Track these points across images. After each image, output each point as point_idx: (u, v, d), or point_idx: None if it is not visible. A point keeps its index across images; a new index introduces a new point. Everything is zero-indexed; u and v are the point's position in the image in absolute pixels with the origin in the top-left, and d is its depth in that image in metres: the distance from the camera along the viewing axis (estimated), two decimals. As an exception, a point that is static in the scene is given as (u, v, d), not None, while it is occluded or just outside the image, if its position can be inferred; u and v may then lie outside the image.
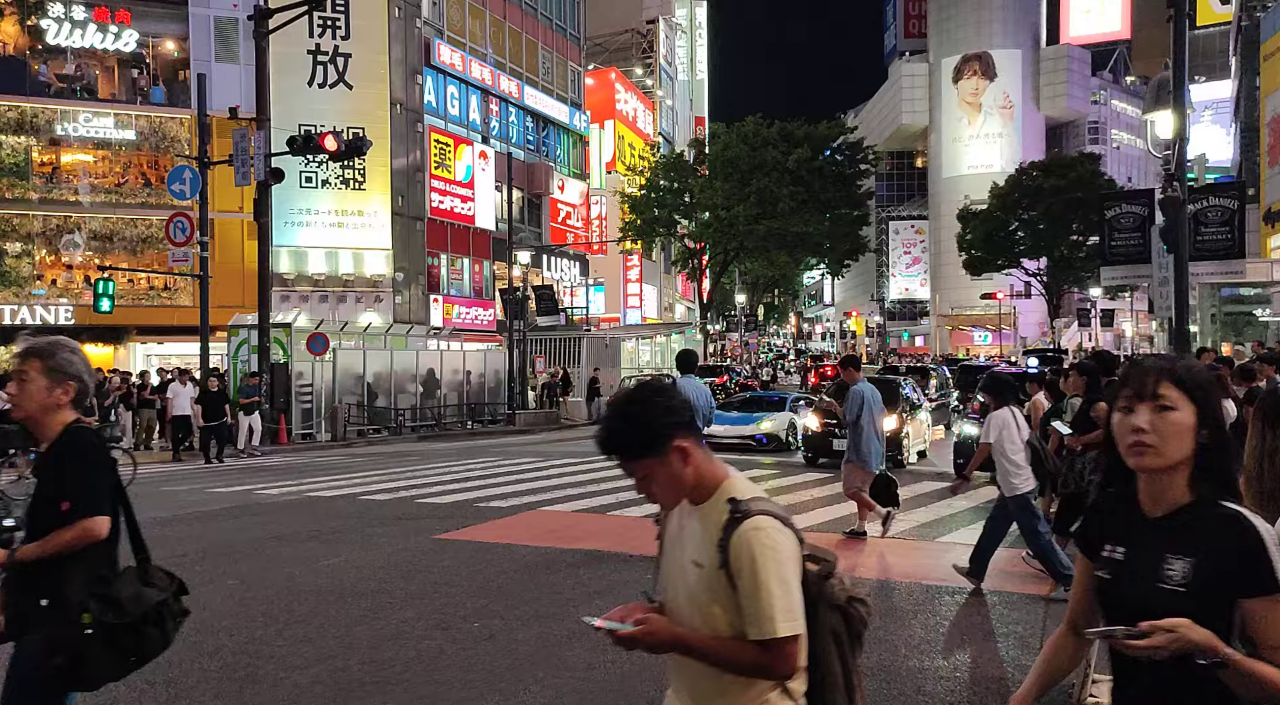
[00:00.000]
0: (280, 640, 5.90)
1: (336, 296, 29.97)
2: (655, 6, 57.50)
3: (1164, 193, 15.42)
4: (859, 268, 70.24)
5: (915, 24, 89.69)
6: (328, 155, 19.88)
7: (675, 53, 61.44)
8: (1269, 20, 33.07)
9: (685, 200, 41.37)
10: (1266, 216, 32.73)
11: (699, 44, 67.80)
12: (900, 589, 7.51)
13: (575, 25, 44.08)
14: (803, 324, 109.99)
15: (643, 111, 53.70)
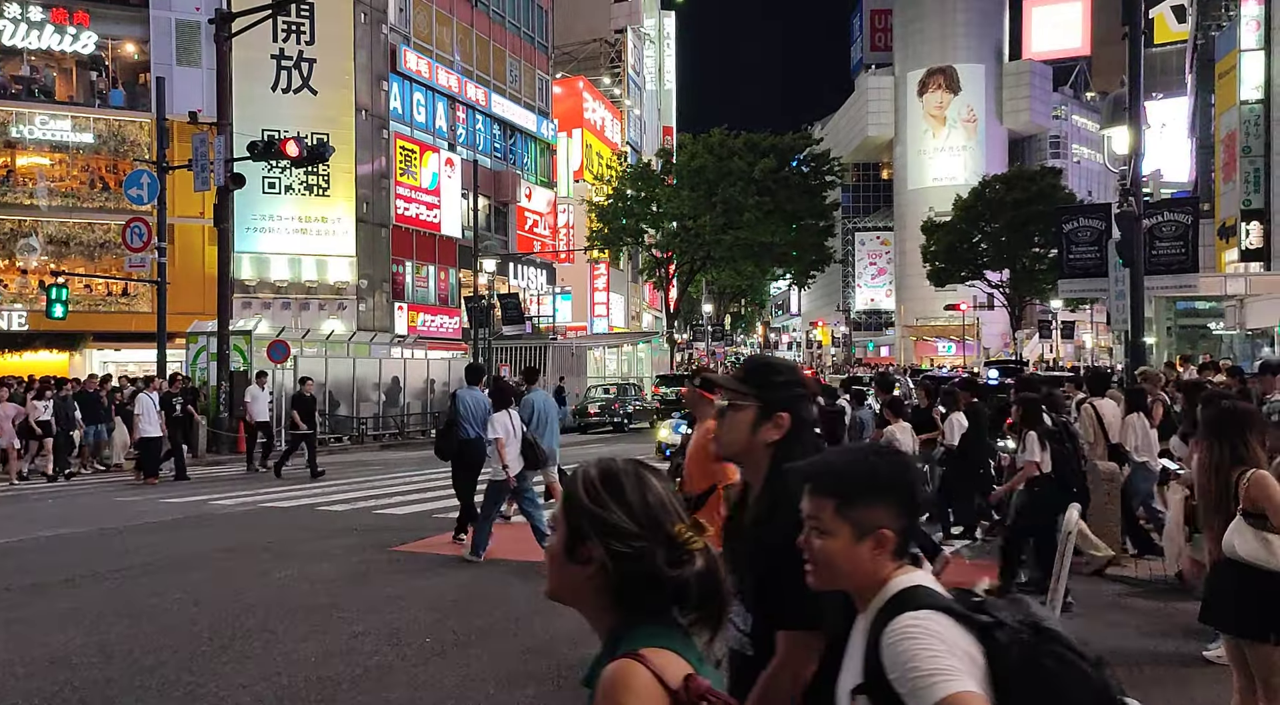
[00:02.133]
0: (224, 656, 5.78)
1: (299, 303, 29.64)
2: (623, 16, 57.64)
3: (1120, 208, 15.66)
4: (825, 278, 70.70)
5: (881, 37, 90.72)
6: (290, 161, 19.68)
7: (643, 63, 61.62)
8: (1223, 39, 33.80)
9: (652, 210, 41.43)
10: (1221, 231, 33.39)
11: (667, 54, 68.06)
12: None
13: (543, 34, 44.06)
14: (769, 334, 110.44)
15: (610, 121, 53.76)
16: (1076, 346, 60.41)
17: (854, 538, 1.65)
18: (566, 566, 1.43)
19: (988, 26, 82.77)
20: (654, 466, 1.48)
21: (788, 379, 2.21)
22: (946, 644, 1.50)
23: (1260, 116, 29.53)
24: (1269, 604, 3.68)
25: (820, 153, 42.47)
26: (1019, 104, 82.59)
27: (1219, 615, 3.87)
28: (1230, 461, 3.77)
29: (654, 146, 56.94)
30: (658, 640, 1.36)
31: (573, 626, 6.46)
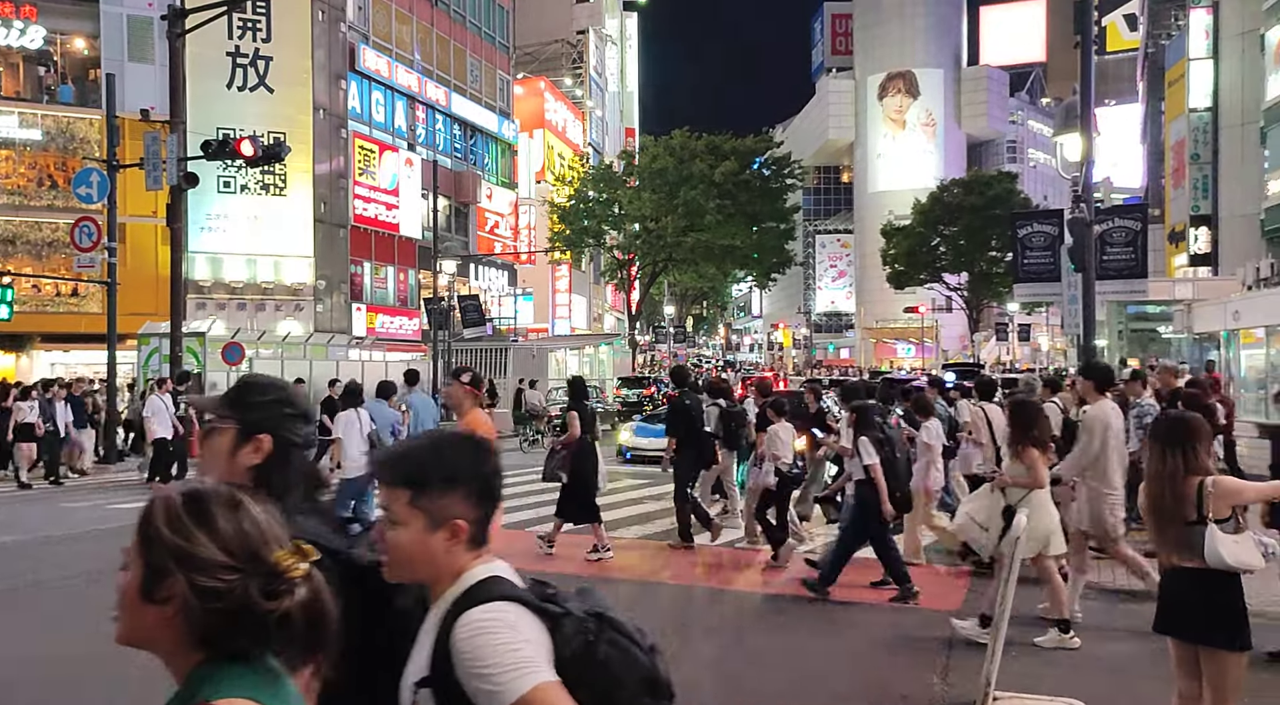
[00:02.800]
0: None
1: (255, 304, 29.21)
2: (585, 17, 57.57)
3: (1072, 213, 15.93)
4: (786, 280, 71.16)
5: (842, 41, 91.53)
6: (245, 160, 19.36)
7: (605, 64, 61.61)
8: (1172, 48, 34.55)
9: (614, 211, 41.43)
10: (1171, 236, 34.11)
11: (629, 56, 68.13)
12: (815, 606, 7.53)
13: (504, 34, 43.87)
14: (731, 335, 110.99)
15: (572, 121, 53.65)
16: (1033, 349, 61.33)
17: (428, 528, 1.61)
18: (142, 608, 1.23)
19: (946, 32, 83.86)
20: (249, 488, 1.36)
21: (273, 399, 2.08)
22: (522, 635, 1.49)
23: (1208, 124, 30.21)
24: (1232, 612, 3.74)
25: (781, 155, 42.73)
26: (977, 109, 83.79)
27: (1179, 624, 3.88)
28: (1184, 471, 3.82)
29: (616, 148, 56.96)
30: (240, 688, 1.20)
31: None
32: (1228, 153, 29.55)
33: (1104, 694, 5.22)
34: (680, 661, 6.02)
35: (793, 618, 7.20)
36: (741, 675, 5.83)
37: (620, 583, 8.19)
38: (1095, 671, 5.75)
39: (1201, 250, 30.30)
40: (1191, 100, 30.68)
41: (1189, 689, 3.90)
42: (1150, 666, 5.53)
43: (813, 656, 6.21)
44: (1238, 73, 29.04)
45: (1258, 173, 26.68)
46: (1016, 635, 5.78)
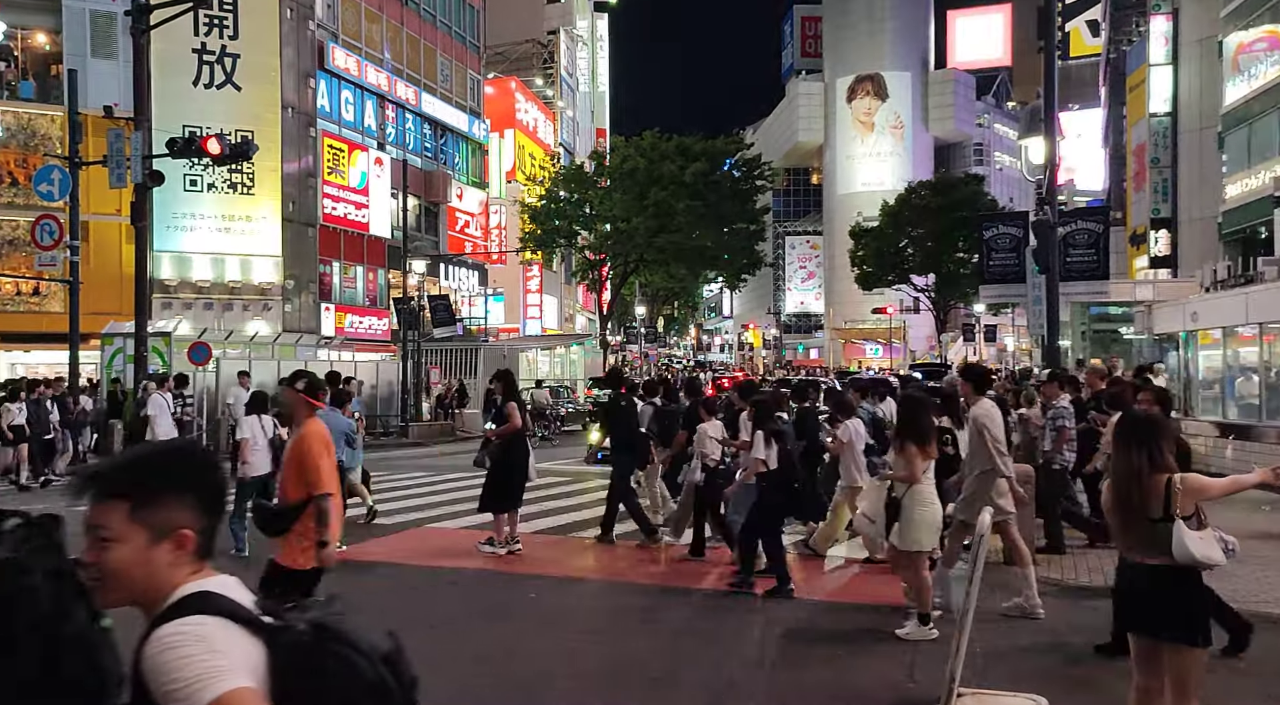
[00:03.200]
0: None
1: (222, 304, 28.91)
2: (556, 17, 57.50)
3: (1036, 216, 16.20)
4: (756, 281, 71.47)
5: (811, 44, 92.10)
6: (212, 158, 19.16)
7: (576, 64, 61.55)
8: (1134, 54, 35.13)
9: (585, 211, 41.41)
10: (1132, 239, 34.69)
11: (600, 56, 68.11)
12: (780, 605, 7.61)
13: (475, 33, 43.71)
14: (702, 336, 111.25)
15: (543, 122, 53.58)
16: (999, 349, 62.06)
17: (150, 542, 1.53)
18: None
19: (914, 35, 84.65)
20: None
21: None
22: (215, 647, 1.43)
23: (1168, 129, 30.76)
24: (1194, 607, 3.82)
25: (751, 157, 42.91)
26: (944, 112, 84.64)
27: (1142, 620, 3.94)
28: (1149, 468, 3.90)
29: (587, 148, 56.91)
30: None
31: (509, 634, 6.43)
32: (1187, 157, 30.10)
33: (1065, 689, 5.33)
34: (649, 657, 6.08)
35: (761, 616, 7.28)
36: (703, 672, 5.89)
37: (534, 578, 8.24)
38: (1056, 667, 5.88)
39: (1162, 253, 30.83)
40: (1152, 105, 31.21)
41: (1147, 684, 3.97)
42: (1110, 662, 5.67)
43: (775, 649, 6.29)
44: (1196, 78, 29.59)
45: (1215, 177, 27.21)
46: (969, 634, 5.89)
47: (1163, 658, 3.89)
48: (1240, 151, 25.57)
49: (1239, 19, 25.36)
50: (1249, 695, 5.38)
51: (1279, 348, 17.79)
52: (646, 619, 7.15)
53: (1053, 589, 7.75)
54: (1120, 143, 37.13)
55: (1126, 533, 3.94)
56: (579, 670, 5.92)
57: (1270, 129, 24.07)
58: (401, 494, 13.87)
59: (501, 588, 8.07)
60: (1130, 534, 3.92)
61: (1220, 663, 5.53)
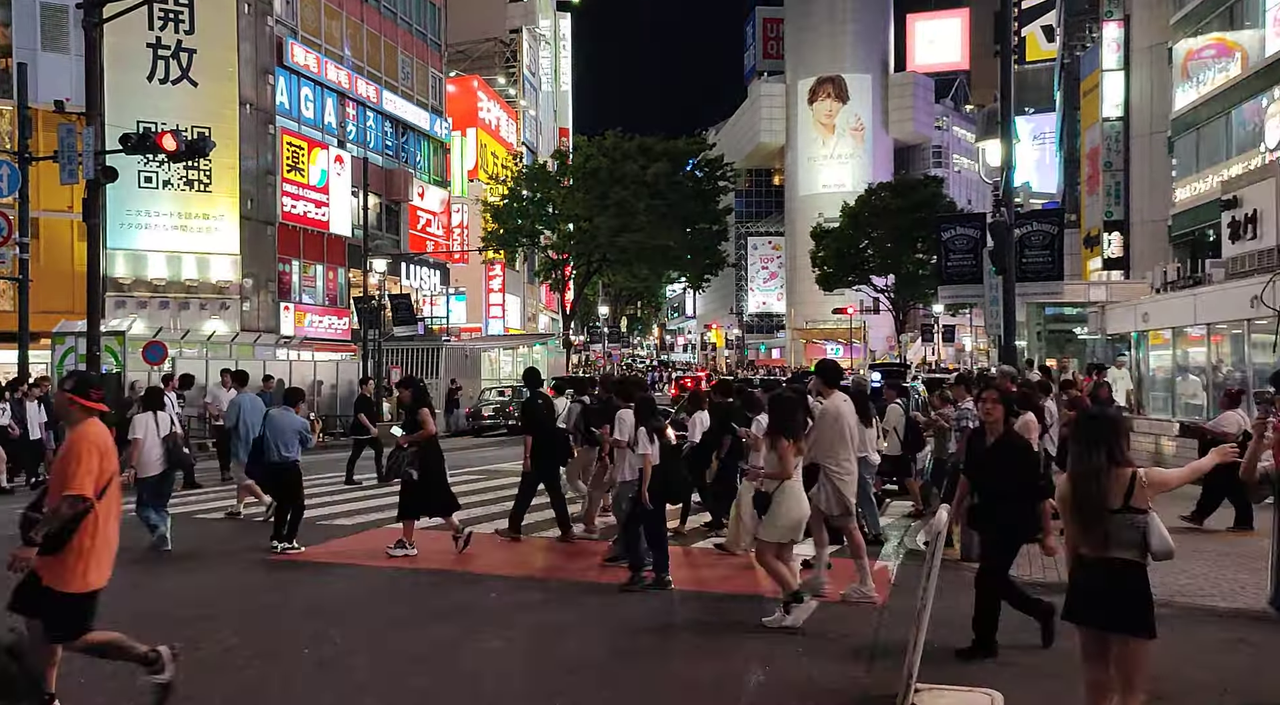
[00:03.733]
0: (83, 676, 5.52)
1: (178, 303, 28.45)
2: (518, 16, 57.29)
3: (993, 217, 16.44)
4: (719, 282, 71.80)
5: (773, 45, 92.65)
6: (167, 155, 18.84)
7: (539, 63, 61.38)
8: (1087, 59, 35.77)
9: (548, 210, 41.32)
10: (1086, 241, 35.33)
11: (563, 55, 67.99)
12: (743, 601, 7.66)
13: (436, 31, 43.42)
14: (665, 336, 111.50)
15: (506, 120, 53.36)
16: (957, 349, 62.93)
17: None
18: None
19: (874, 38, 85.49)
20: None
21: None
22: None
23: (1120, 133, 31.38)
24: (1144, 600, 3.90)
25: (714, 158, 43.09)
26: (904, 114, 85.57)
27: (1093, 613, 4.01)
28: (1109, 464, 3.98)
29: (550, 147, 56.79)
30: None
31: (455, 634, 6.42)
32: (1138, 161, 30.73)
33: (1020, 685, 5.43)
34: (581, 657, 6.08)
35: (712, 613, 7.32)
36: (659, 671, 5.92)
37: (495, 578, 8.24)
38: (1012, 663, 5.98)
39: (1114, 254, 31.45)
40: (1104, 110, 31.82)
41: (1097, 677, 4.06)
42: (1064, 657, 5.79)
43: (735, 654, 6.33)
44: (1147, 84, 30.23)
45: (1166, 181, 27.81)
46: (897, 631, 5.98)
47: (1111, 651, 3.98)
48: (1189, 156, 26.17)
49: (1188, 26, 25.95)
50: (1207, 689, 5.51)
51: (1226, 348, 18.25)
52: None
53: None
54: (1074, 146, 37.78)
55: (1086, 529, 3.99)
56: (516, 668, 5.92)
57: (1218, 134, 24.67)
58: (362, 495, 13.76)
59: (460, 588, 8.04)
60: (1090, 530, 3.98)
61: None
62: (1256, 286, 15.42)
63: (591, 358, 63.18)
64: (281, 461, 9.39)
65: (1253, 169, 21.61)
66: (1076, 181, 37.28)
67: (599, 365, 60.42)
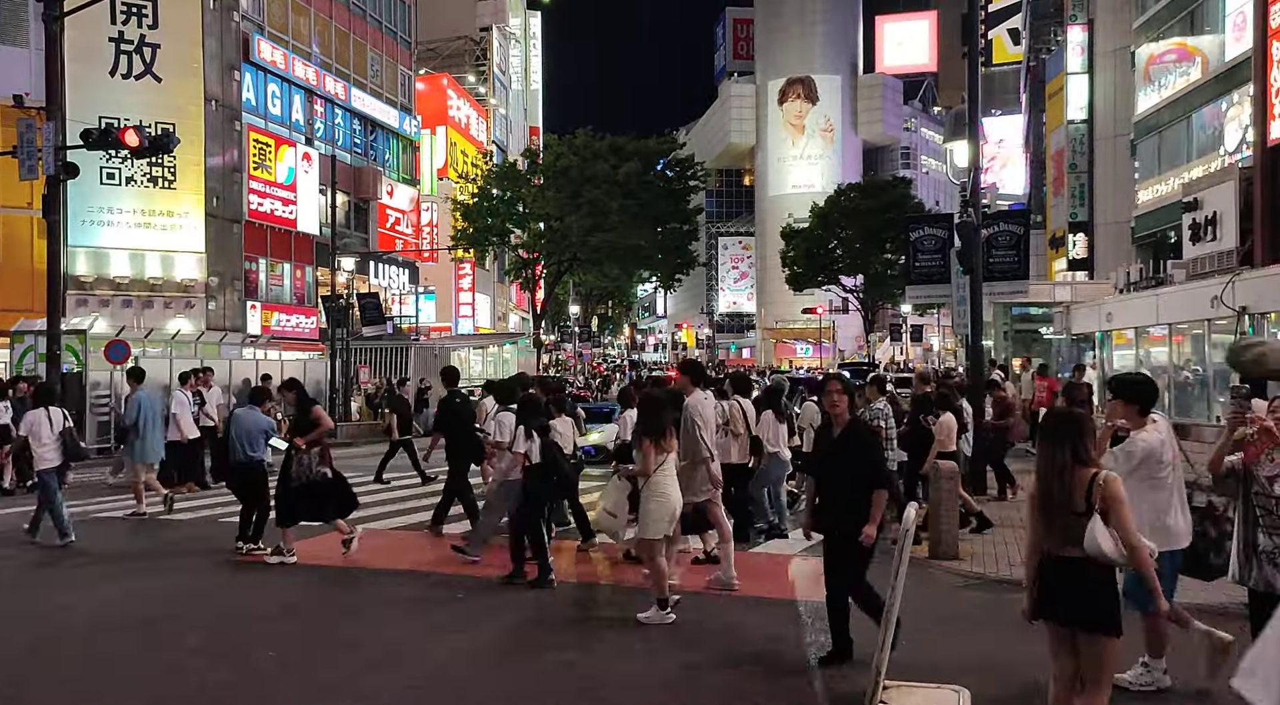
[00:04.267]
0: (43, 680, 5.42)
1: (142, 301, 28.04)
2: (488, 14, 57.05)
3: (960, 218, 16.59)
4: (690, 281, 71.91)
5: (743, 46, 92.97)
6: (129, 151, 18.55)
7: (509, 61, 61.16)
8: (1052, 62, 36.23)
9: (518, 210, 41.16)
10: (1052, 242, 35.78)
11: (533, 54, 67.80)
12: (710, 600, 7.67)
13: (405, 28, 43.13)
14: (636, 335, 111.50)
15: (476, 119, 53.12)
16: (925, 349, 63.44)
17: None
18: None
19: (843, 40, 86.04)
20: None
21: None
22: None
23: (1085, 135, 31.82)
24: (1110, 598, 3.95)
25: (684, 157, 43.14)
26: (872, 116, 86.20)
27: (1059, 609, 4.06)
28: (1073, 463, 4.03)
29: (520, 146, 56.61)
30: None
31: (418, 635, 6.38)
32: (1102, 163, 31.17)
33: (987, 680, 5.48)
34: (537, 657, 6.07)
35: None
36: (619, 667, 5.91)
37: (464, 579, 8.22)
38: (979, 659, 6.04)
39: (1079, 255, 31.87)
40: (1069, 112, 32.24)
41: (1064, 671, 4.11)
42: (1028, 651, 5.85)
43: (698, 649, 6.34)
44: (1111, 87, 30.67)
45: (1129, 183, 28.23)
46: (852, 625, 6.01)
47: (1077, 647, 4.03)
48: (1151, 159, 26.58)
49: (1150, 31, 26.36)
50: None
51: (1187, 348, 18.56)
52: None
53: (975, 581, 7.97)
54: (1040, 148, 38.25)
55: (1049, 527, 4.04)
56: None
57: (1179, 137, 25.08)
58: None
59: (425, 588, 7.99)
60: (1053, 527, 4.03)
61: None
62: (1216, 287, 15.71)
63: (562, 357, 63.04)
64: (247, 461, 9.27)
65: (1212, 172, 22.00)
66: (1042, 183, 37.74)
67: (569, 365, 60.32)
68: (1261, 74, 20.02)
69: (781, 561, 8.85)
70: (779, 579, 8.16)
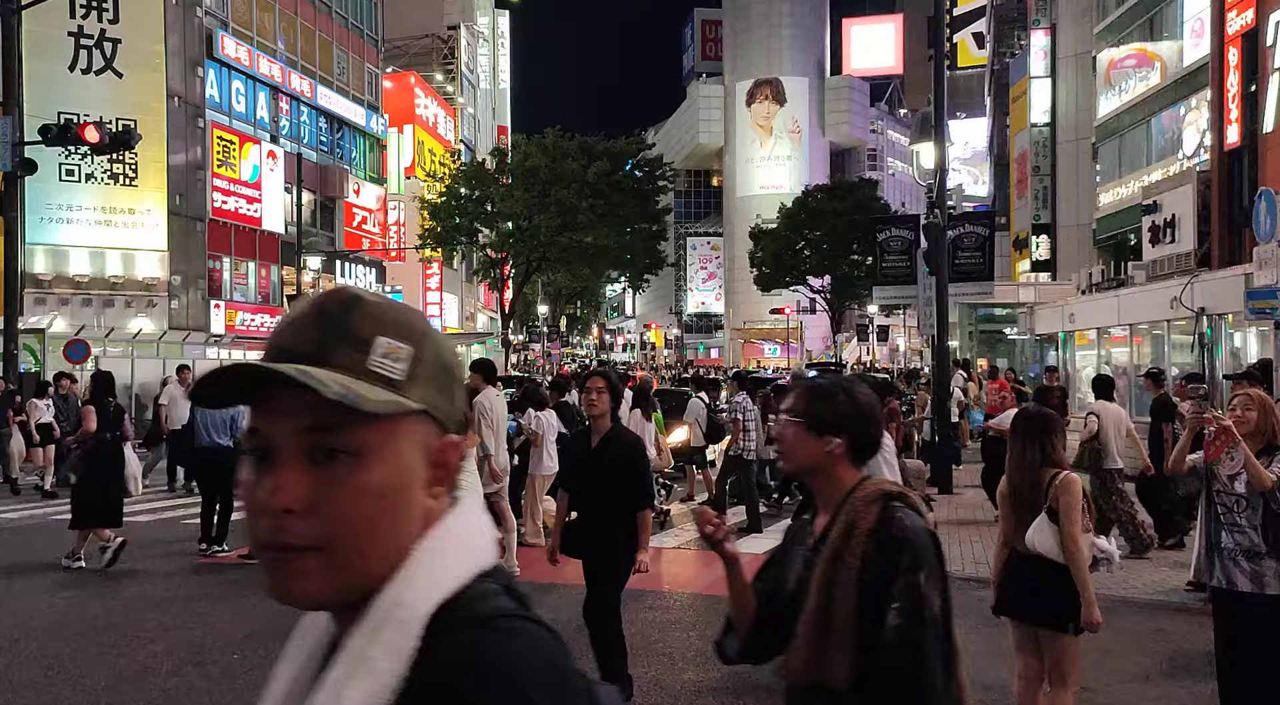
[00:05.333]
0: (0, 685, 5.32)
1: (103, 300, 27.56)
2: (456, 13, 56.71)
3: (927, 219, 16.76)
4: (659, 282, 71.98)
5: (712, 47, 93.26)
6: (90, 147, 18.27)
7: (477, 60, 60.86)
8: (1016, 66, 36.71)
9: (486, 209, 40.97)
10: (1016, 243, 36.26)
11: (501, 53, 67.52)
12: (679, 599, 7.71)
13: (373, 26, 42.77)
14: (605, 335, 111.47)
15: (444, 118, 52.80)
16: (891, 349, 64.00)
17: None
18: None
19: (811, 42, 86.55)
20: None
21: None
22: None
23: (1048, 138, 32.24)
24: (1066, 596, 4.00)
25: (653, 158, 43.18)
26: (840, 117, 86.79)
27: (1022, 607, 4.13)
28: (1040, 462, 4.08)
29: (488, 145, 56.32)
30: None
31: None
32: (1065, 166, 31.61)
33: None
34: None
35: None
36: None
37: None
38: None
39: (1042, 257, 32.30)
40: (1032, 116, 32.66)
41: (1028, 667, 4.18)
42: (999, 649, 5.92)
43: (669, 644, 6.35)
44: (1073, 91, 31.11)
45: (1091, 185, 28.67)
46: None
47: (1040, 644, 4.09)
48: (1112, 162, 27.02)
49: (1110, 36, 26.80)
50: (1121, 673, 5.69)
51: (1147, 348, 18.88)
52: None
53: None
54: (1004, 151, 38.73)
55: (1018, 523, 4.10)
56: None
57: (1139, 141, 25.52)
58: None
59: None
60: (1021, 525, 4.08)
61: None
62: (1176, 288, 15.99)
63: (530, 357, 62.84)
64: (211, 445, 9.04)
65: (1171, 175, 22.40)
66: (1006, 185, 38.21)
67: (538, 365, 60.12)
68: (1219, 79, 20.43)
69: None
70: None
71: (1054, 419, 4.24)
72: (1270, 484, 3.98)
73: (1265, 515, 4.06)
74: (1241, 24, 19.61)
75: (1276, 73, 18.48)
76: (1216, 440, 4.07)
